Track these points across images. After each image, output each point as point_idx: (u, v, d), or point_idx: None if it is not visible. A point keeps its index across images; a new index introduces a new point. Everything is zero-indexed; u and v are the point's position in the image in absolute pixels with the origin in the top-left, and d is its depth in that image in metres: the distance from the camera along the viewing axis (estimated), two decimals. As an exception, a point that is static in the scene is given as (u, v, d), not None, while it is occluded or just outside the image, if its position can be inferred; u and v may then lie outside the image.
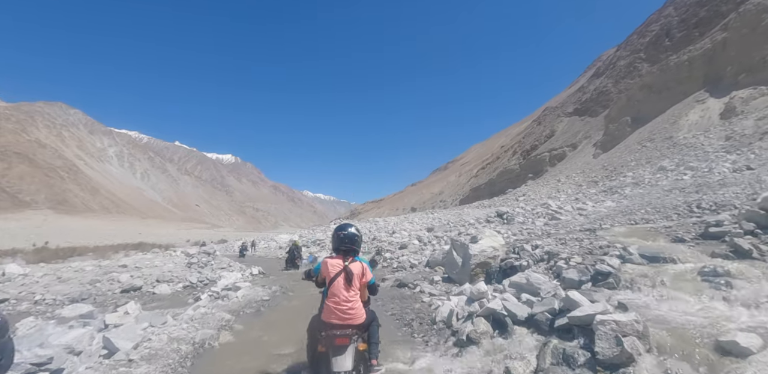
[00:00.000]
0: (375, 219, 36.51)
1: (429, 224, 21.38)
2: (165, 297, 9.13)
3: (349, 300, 2.75)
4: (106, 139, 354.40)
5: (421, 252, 13.35)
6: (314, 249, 20.89)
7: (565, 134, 46.79)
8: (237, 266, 13.41)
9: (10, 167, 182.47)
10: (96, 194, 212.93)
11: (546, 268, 6.24)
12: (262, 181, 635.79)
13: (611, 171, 21.88)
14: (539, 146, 50.62)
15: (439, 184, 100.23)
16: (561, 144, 43.72)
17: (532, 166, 45.25)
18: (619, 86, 43.76)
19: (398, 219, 32.44)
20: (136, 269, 11.62)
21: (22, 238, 31.15)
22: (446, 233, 15.16)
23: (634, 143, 26.98)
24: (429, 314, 5.97)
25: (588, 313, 3.41)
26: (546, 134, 52.80)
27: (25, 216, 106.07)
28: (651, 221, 7.94)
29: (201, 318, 6.07)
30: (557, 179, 28.55)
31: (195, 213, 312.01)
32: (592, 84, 54.89)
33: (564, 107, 57.68)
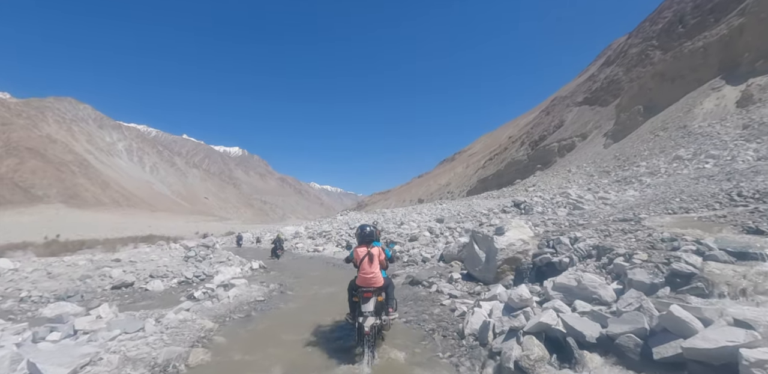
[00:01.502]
0: (382, 210, 36.04)
1: (438, 215, 20.94)
2: (157, 294, 8.59)
3: (371, 272, 4.28)
4: (115, 133, 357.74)
5: (434, 245, 12.75)
6: (320, 241, 20.82)
7: (575, 124, 46.04)
8: (237, 260, 12.89)
9: (23, 162, 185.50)
10: (106, 188, 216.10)
11: (598, 266, 5.17)
12: (269, 173, 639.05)
13: (624, 161, 21.45)
14: (548, 137, 49.95)
15: (446, 175, 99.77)
16: (570, 134, 43.06)
17: (541, 157, 44.71)
18: (631, 75, 42.78)
19: (406, 210, 31.84)
20: (130, 263, 11.11)
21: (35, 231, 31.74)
22: (459, 225, 14.66)
23: (647, 132, 26.40)
24: (453, 323, 4.99)
25: (722, 345, 2.36)
26: (555, 124, 52.04)
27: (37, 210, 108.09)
28: (692, 210, 7.16)
29: (176, 328, 5.04)
30: (567, 170, 28.14)
31: (203, 206, 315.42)
32: (603, 73, 53.71)
33: (573, 97, 56.65)
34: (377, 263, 4.32)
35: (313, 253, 17.69)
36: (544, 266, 6.10)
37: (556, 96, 73.08)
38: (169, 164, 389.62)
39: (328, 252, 17.18)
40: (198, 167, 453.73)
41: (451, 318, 5.27)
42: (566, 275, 4.49)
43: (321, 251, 17.69)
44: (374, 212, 36.38)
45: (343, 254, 14.94)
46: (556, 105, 62.31)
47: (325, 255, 16.19)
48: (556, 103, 64.62)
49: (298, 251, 19.53)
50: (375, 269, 4.28)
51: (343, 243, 18.91)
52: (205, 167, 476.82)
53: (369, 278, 4.24)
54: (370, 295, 4.14)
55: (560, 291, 4.31)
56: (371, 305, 4.09)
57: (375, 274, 4.26)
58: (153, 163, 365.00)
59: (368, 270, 4.26)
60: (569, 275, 4.46)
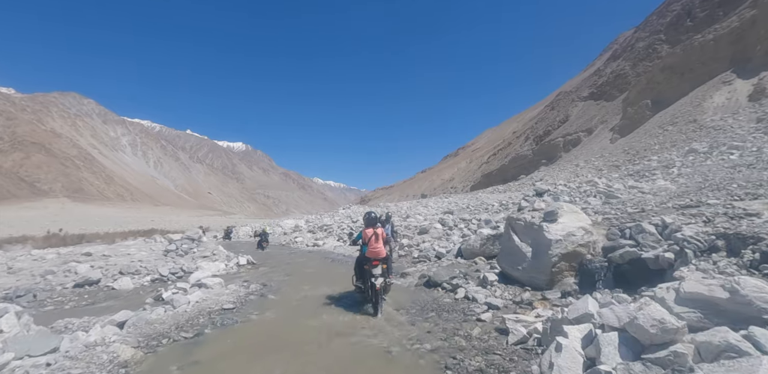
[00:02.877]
0: (386, 204, 35.66)
1: (445, 208, 20.29)
2: (123, 293, 7.51)
3: (378, 246, 5.46)
4: (120, 128, 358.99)
5: (447, 238, 11.54)
6: (321, 235, 20.15)
7: (580, 119, 45.46)
8: (223, 255, 11.54)
9: (28, 156, 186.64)
10: (111, 183, 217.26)
11: (739, 265, 3.67)
12: (272, 168, 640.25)
13: (633, 155, 21.08)
14: (553, 132, 49.41)
15: (450, 170, 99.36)
16: (576, 129, 42.53)
17: (546, 152, 44.24)
18: (638, 69, 42.06)
19: (411, 203, 31.45)
20: (102, 258, 10.00)
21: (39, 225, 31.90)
22: (474, 216, 13.63)
23: (655, 126, 25.93)
24: (513, 359, 3.18)
25: None
26: (560, 119, 51.44)
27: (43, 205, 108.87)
28: (762, 196, 6.09)
29: (75, 359, 3.34)
30: (575, 164, 27.77)
31: (207, 201, 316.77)
32: (609, 67, 52.90)
33: (579, 91, 55.92)
34: (381, 240, 5.54)
35: (312, 247, 16.83)
36: (626, 263, 4.59)
37: (561, 91, 72.28)
38: (173, 159, 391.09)
39: (329, 247, 16.26)
40: (202, 162, 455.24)
41: (505, 347, 3.45)
42: (700, 281, 2.80)
43: (321, 246, 16.86)
44: (378, 205, 35.97)
45: (344, 248, 14.35)
46: (561, 100, 61.57)
47: (324, 250, 15.26)
48: (560, 98, 63.86)
49: (297, 245, 18.54)
50: (380, 245, 5.50)
51: (345, 237, 18.17)
52: (208, 162, 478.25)
53: (377, 251, 5.44)
54: (378, 263, 5.35)
55: (695, 307, 2.67)
56: (379, 270, 5.30)
57: (380, 248, 5.48)
58: (157, 158, 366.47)
59: (375, 246, 5.48)
60: (706, 280, 2.80)
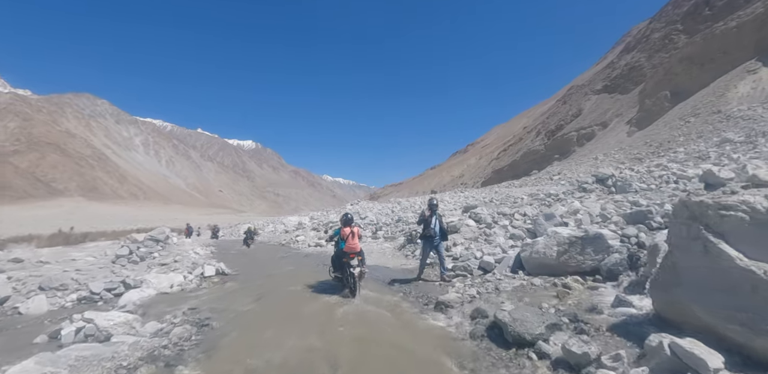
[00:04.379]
0: (397, 199, 34.73)
1: (463, 202, 18.67)
2: (26, 320, 5.71)
3: (354, 242, 6.29)
4: (132, 128, 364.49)
5: (487, 240, 9.08)
6: (325, 234, 18.62)
7: (593, 113, 44.31)
8: (188, 262, 9.38)
9: (44, 156, 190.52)
10: (124, 182, 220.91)
11: None
12: (282, 166, 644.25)
13: (656, 147, 20.17)
14: (565, 126, 48.30)
15: (459, 167, 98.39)
16: (589, 123, 41.45)
17: (558, 146, 43.25)
18: (653, 61, 40.79)
19: (423, 198, 30.31)
20: (37, 265, 8.30)
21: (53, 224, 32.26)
22: (516, 210, 11.01)
23: (675, 118, 24.90)
24: None
25: None
26: (572, 114, 50.26)
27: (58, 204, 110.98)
28: None
29: None
30: (593, 158, 26.86)
31: (218, 199, 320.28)
32: (623, 59, 51.44)
33: (591, 85, 54.55)
34: (357, 237, 6.43)
35: (314, 248, 15.05)
36: None
37: (573, 85, 70.73)
38: (184, 158, 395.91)
39: (331, 247, 14.44)
40: (212, 160, 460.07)
41: None
42: None
43: (324, 246, 14.92)
44: (388, 201, 35.06)
45: None
46: (573, 94, 60.20)
47: (327, 252, 12.41)
48: (572, 92, 62.45)
49: (297, 244, 16.66)
50: (356, 241, 6.38)
51: None
52: (219, 160, 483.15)
53: (353, 246, 6.32)
54: (354, 256, 6.27)
55: None
56: (356, 261, 6.21)
57: (356, 244, 6.37)
58: (169, 157, 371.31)
59: (352, 242, 6.33)
60: None
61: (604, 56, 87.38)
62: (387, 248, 12.18)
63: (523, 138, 66.63)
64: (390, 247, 12.24)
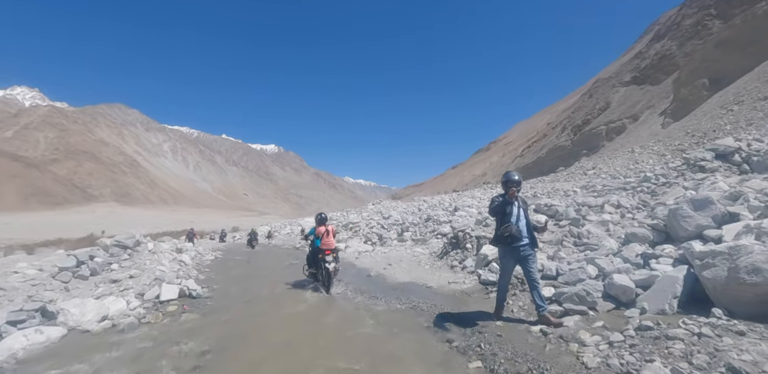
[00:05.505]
0: (422, 198, 33.51)
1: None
2: None
3: (329, 240, 6.62)
4: (161, 135, 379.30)
5: (589, 245, 6.28)
6: (344, 236, 16.82)
7: (622, 106, 42.40)
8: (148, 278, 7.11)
9: (80, 164, 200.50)
10: (154, 187, 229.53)
11: None
12: (304, 168, 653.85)
13: (700, 138, 18.75)
14: (592, 120, 46.46)
15: (481, 165, 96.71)
16: (618, 116, 39.65)
17: (586, 141, 41.56)
18: (686, 48, 38.62)
19: (450, 197, 28.31)
20: None
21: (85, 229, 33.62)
22: (605, 199, 8.36)
23: (716, 107, 23.22)
24: None
25: None
26: (600, 107, 48.33)
27: (92, 209, 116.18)
28: None
29: None
30: (629, 150, 25.41)
31: (243, 202, 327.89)
32: (652, 49, 49.09)
33: (619, 77, 52.34)
34: (331, 235, 6.70)
35: None
36: None
37: (598, 78, 68.19)
38: (210, 163, 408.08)
39: (351, 252, 12.19)
40: (237, 164, 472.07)
41: None
42: None
43: (342, 250, 12.85)
44: (412, 200, 33.99)
45: (376, 257, 10.50)
46: (599, 87, 57.97)
47: (345, 257, 10.91)
48: (598, 85, 60.16)
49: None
50: (331, 239, 6.67)
51: (374, 238, 14.19)
52: (243, 165, 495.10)
53: (329, 243, 6.59)
54: (330, 252, 6.46)
55: None
56: (331, 258, 6.42)
57: (331, 241, 6.64)
58: (196, 162, 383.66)
59: (327, 239, 6.63)
60: None
61: (631, 47, 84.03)
62: (421, 254, 9.78)
63: (547, 134, 64.70)
64: (424, 253, 9.84)
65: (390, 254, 10.74)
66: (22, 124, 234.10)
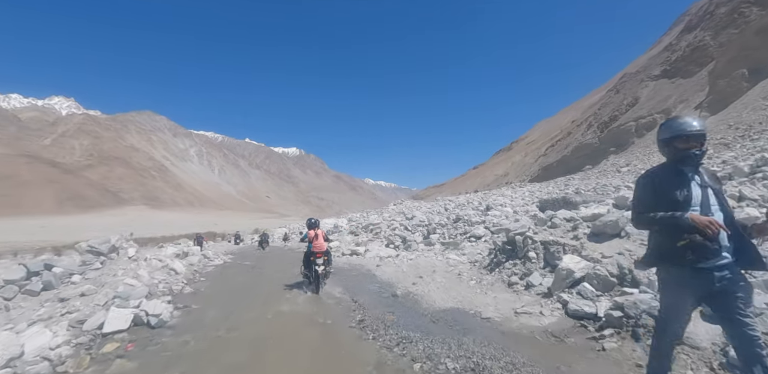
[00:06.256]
0: (446, 197, 32.11)
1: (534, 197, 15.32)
2: None
3: (320, 243, 6.89)
4: (187, 140, 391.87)
5: None
6: (364, 238, 15.77)
7: (652, 101, 40.56)
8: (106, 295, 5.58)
9: (112, 169, 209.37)
10: (181, 190, 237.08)
11: None
12: (324, 171, 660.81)
13: (745, 130, 17.53)
14: (620, 117, 44.70)
15: (503, 165, 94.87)
16: (648, 111, 37.93)
17: (614, 138, 39.97)
18: (720, 38, 36.64)
19: (478, 196, 26.83)
20: None
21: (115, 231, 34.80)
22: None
23: (758, 98, 21.73)
24: None
25: None
26: (628, 103, 46.46)
27: (123, 212, 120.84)
28: None
29: None
30: None
31: (265, 204, 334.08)
32: (683, 40, 46.90)
33: (648, 71, 50.22)
34: (322, 238, 6.96)
35: (349, 258, 11.52)
36: None
37: (625, 73, 65.71)
38: (234, 166, 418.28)
39: (372, 257, 10.89)
40: (260, 167, 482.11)
41: None
42: None
43: (361, 254, 11.81)
44: (435, 199, 32.98)
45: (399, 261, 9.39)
46: (627, 82, 55.82)
47: (365, 265, 9.59)
48: (626, 80, 57.95)
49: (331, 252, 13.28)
50: (321, 241, 6.89)
51: (397, 241, 12.95)
52: (265, 168, 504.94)
53: (319, 246, 6.81)
54: (321, 255, 6.71)
55: None
56: (321, 260, 6.67)
57: (322, 244, 6.88)
58: (220, 166, 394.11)
59: (317, 242, 6.85)
60: None
61: (659, 39, 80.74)
62: (458, 263, 8.04)
63: (572, 132, 62.78)
64: (462, 261, 8.11)
65: (418, 261, 9.21)
66: (59, 132, 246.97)
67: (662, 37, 80.00)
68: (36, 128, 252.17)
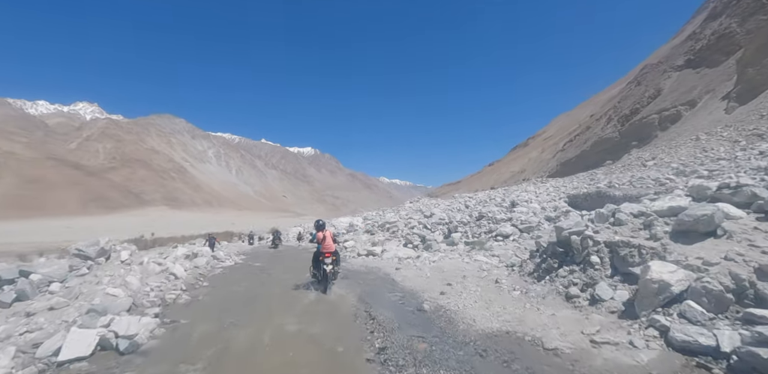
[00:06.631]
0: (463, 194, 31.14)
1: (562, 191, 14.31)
2: None
3: (329, 244, 7.18)
4: (206, 142, 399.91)
5: None
6: (381, 237, 15.14)
7: (675, 92, 39.05)
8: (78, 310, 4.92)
9: (134, 171, 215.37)
10: (199, 191, 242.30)
11: None
12: (339, 170, 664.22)
13: (780, 120, 16.78)
14: (641, 109, 43.24)
15: (520, 161, 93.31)
16: (672, 103, 36.54)
17: (636, 132, 38.69)
18: (748, 25, 34.96)
19: (500, 192, 25.45)
20: None
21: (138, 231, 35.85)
22: None
23: (791, 86, 20.72)
24: None
25: None
26: (649, 95, 44.89)
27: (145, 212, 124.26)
28: None
29: None
30: (693, 138, 23.06)
31: (282, 203, 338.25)
32: (708, 28, 44.97)
33: (670, 61, 48.39)
34: (330, 239, 7.18)
35: (364, 259, 10.85)
36: None
37: (646, 64, 63.57)
38: (250, 167, 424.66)
39: (389, 257, 10.34)
40: (276, 167, 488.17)
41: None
42: None
43: (378, 255, 11.20)
44: (452, 197, 32.06)
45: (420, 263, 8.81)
46: (648, 73, 53.95)
47: (382, 267, 8.87)
48: (646, 71, 56.04)
49: (345, 253, 12.66)
50: (329, 242, 7.12)
51: (416, 240, 12.35)
52: (281, 168, 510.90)
53: (328, 247, 7.05)
54: (329, 255, 6.94)
55: None
56: (329, 260, 6.89)
57: (330, 245, 7.10)
58: (237, 166, 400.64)
59: (325, 244, 7.09)
60: None
61: (682, 28, 77.79)
62: (491, 267, 7.27)
63: (591, 127, 61.17)
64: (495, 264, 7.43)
65: (442, 263, 8.33)
66: (84, 136, 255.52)
67: (685, 26, 77.14)
68: (62, 133, 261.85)
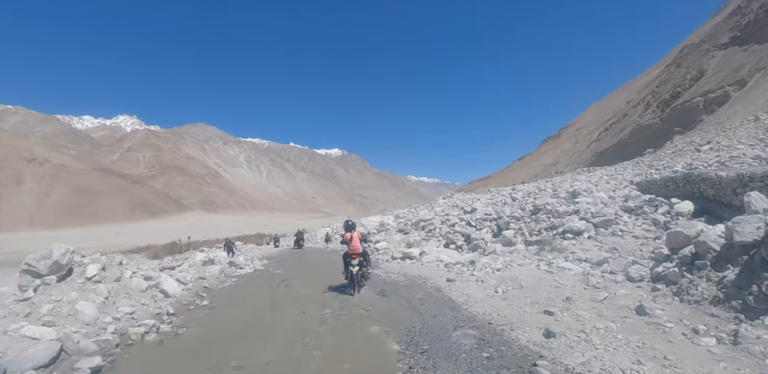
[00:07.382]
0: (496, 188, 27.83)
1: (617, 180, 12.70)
2: None
3: (356, 245, 7.13)
4: (237, 147, 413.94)
5: None
6: (416, 237, 13.61)
7: (721, 72, 36.38)
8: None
9: (172, 178, 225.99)
10: (233, 194, 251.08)
11: None
12: (367, 169, 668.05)
13: None
14: (683, 93, 40.58)
15: (551, 154, 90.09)
16: (718, 84, 34.04)
17: (678, 117, 36.32)
18: (803, -6, 32.12)
19: (548, 183, 22.28)
20: None
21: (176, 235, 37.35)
22: None
23: None
24: None
25: None
26: (691, 77, 42.07)
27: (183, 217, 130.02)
28: None
29: None
30: (751, 119, 21.06)
31: (312, 204, 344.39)
32: (755, 1, 41.66)
33: (713, 40, 45.16)
34: (357, 240, 7.12)
35: (401, 262, 9.89)
36: None
37: (686, 45, 59.64)
38: (280, 169, 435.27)
39: (430, 261, 9.31)
40: (304, 169, 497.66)
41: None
42: None
43: (416, 258, 10.11)
44: (488, 191, 29.83)
45: (481, 274, 7.07)
46: (689, 54, 50.53)
47: (427, 277, 7.71)
48: (686, 52, 52.52)
49: (376, 256, 11.53)
50: (357, 243, 7.08)
51: (459, 239, 11.15)
52: (310, 170, 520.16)
53: (355, 248, 7.02)
54: (356, 256, 6.92)
55: None
56: (356, 262, 6.87)
57: (357, 246, 7.04)
58: (268, 170, 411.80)
59: (353, 245, 7.06)
60: None
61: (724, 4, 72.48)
62: (602, 280, 5.29)
63: (627, 114, 58.10)
64: (612, 279, 5.28)
65: (511, 273, 6.70)
66: (125, 147, 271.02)
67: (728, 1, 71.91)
68: (106, 145, 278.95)
